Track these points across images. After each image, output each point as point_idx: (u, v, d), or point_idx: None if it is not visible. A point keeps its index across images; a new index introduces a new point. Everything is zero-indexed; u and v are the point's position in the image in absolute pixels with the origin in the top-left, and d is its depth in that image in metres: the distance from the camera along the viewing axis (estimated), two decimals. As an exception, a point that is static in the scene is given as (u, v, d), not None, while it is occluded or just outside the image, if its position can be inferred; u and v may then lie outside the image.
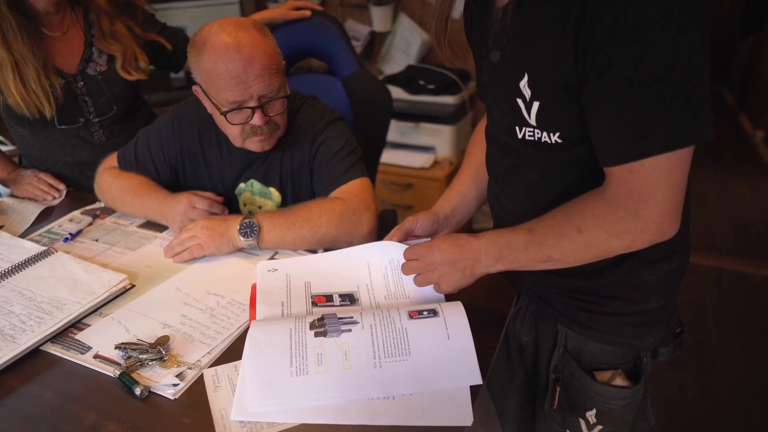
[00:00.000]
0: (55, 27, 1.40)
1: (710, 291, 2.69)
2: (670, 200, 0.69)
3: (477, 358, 0.80)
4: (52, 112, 1.37)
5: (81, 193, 1.48)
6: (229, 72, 1.09)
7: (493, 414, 0.80)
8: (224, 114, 1.13)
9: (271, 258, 1.13)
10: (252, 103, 1.13)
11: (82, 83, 1.42)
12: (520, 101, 0.79)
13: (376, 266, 1.03)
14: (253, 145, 1.20)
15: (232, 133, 1.19)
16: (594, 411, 0.93)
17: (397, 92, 2.59)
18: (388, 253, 1.04)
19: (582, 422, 0.95)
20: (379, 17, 2.94)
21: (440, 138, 2.61)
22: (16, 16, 1.28)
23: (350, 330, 0.83)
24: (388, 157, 2.65)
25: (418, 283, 0.92)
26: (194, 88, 1.22)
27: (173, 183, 1.32)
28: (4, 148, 1.63)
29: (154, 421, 0.77)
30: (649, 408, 0.96)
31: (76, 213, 1.35)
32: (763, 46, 4.51)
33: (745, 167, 4.10)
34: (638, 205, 0.69)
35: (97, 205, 1.38)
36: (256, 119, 1.14)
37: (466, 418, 0.75)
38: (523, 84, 0.77)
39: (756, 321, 2.47)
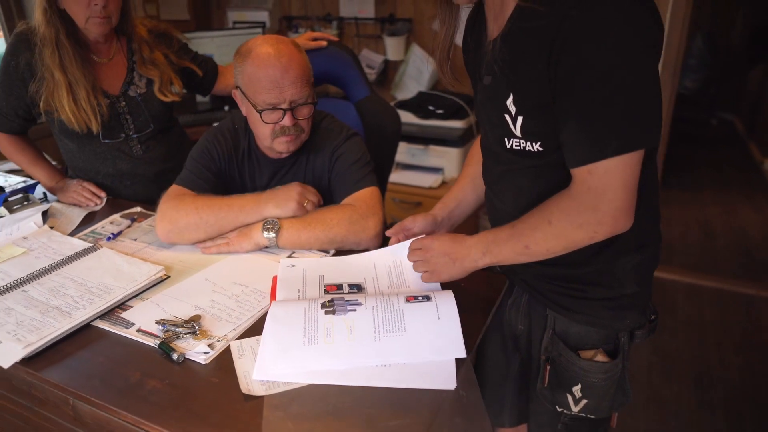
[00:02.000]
0: (102, 54, 1.58)
1: (711, 310, 2.77)
2: (622, 198, 0.83)
3: (463, 335, 0.93)
4: (98, 128, 1.54)
5: (119, 201, 1.65)
6: (268, 76, 1.27)
7: (474, 381, 0.92)
8: (260, 112, 1.29)
9: (289, 257, 1.28)
10: (284, 106, 1.30)
11: (124, 103, 1.60)
12: (507, 117, 0.94)
13: (381, 263, 1.18)
14: (281, 145, 1.36)
15: (264, 132, 1.34)
16: (579, 386, 1.05)
17: (408, 117, 2.76)
18: (393, 254, 1.19)
19: (569, 397, 1.08)
20: (393, 47, 3.14)
21: (448, 160, 2.76)
22: (72, 44, 1.47)
23: (355, 310, 0.97)
24: (399, 177, 2.81)
25: (416, 268, 1.07)
26: (233, 91, 1.39)
27: (218, 192, 1.46)
28: (50, 162, 1.81)
29: (189, 380, 0.91)
30: (628, 385, 1.08)
31: (116, 216, 1.52)
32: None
33: (753, 194, 4.18)
34: (596, 200, 0.83)
35: (134, 209, 1.55)
36: (287, 120, 1.31)
37: (450, 383, 0.87)
38: (509, 102, 0.92)
39: (754, 339, 2.55)
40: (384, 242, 1.30)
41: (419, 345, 0.92)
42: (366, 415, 0.81)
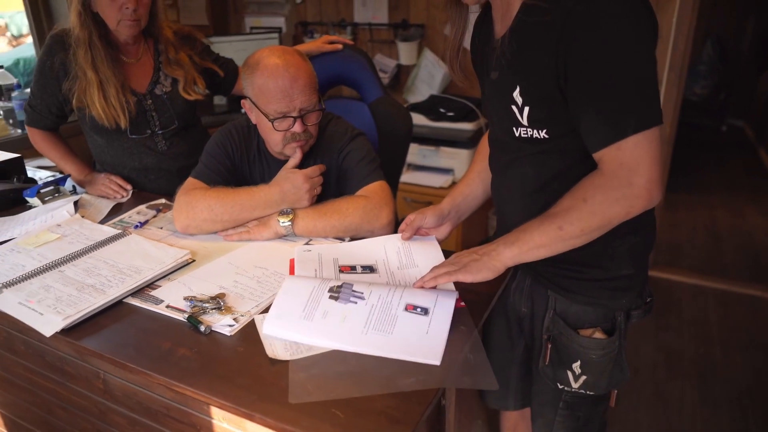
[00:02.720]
0: (131, 55, 1.68)
1: (716, 311, 2.82)
2: (654, 170, 0.88)
3: (470, 312, 1.00)
4: (126, 124, 1.63)
5: (144, 193, 1.74)
6: (278, 87, 1.34)
7: (480, 347, 0.97)
8: (272, 121, 1.37)
9: (306, 244, 1.36)
10: (294, 114, 1.37)
11: (150, 101, 1.69)
12: (514, 108, 1.01)
13: (390, 246, 1.25)
14: (291, 150, 1.43)
15: (275, 139, 1.42)
16: (579, 362, 1.12)
17: (419, 119, 2.84)
18: (398, 245, 1.27)
19: (569, 374, 1.14)
20: (405, 52, 3.22)
21: (458, 161, 2.83)
22: (104, 45, 1.57)
23: (356, 303, 1.03)
24: (410, 177, 2.88)
25: (444, 279, 1.07)
26: (243, 101, 1.46)
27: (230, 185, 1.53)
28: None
29: (216, 349, 0.99)
30: (625, 362, 1.14)
31: (142, 207, 1.61)
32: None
33: (761, 198, 4.21)
34: (630, 174, 0.89)
35: (159, 201, 1.64)
36: (297, 127, 1.39)
37: (437, 359, 0.92)
38: (516, 94, 1.00)
39: (759, 338, 2.59)
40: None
41: (397, 347, 0.94)
42: (384, 375, 0.88)
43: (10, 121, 2.59)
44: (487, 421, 2.11)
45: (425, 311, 1.01)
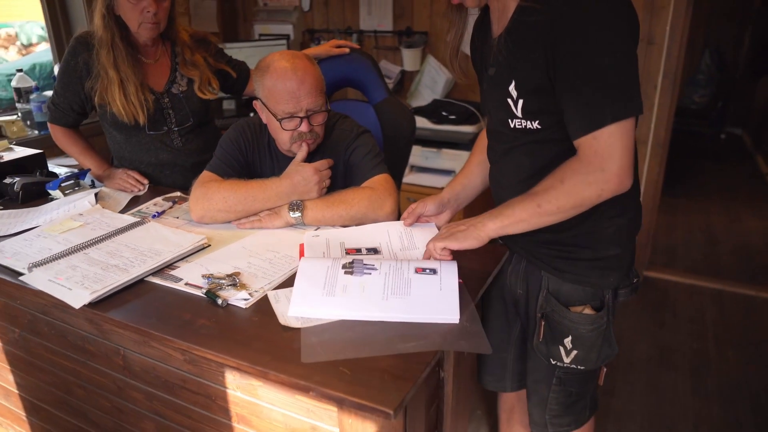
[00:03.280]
0: (150, 56, 1.78)
1: (711, 309, 2.89)
2: (625, 158, 0.98)
3: (468, 287, 1.08)
4: (145, 120, 1.73)
5: (159, 188, 1.83)
6: (286, 88, 1.43)
7: (476, 316, 1.05)
8: (280, 121, 1.46)
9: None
10: (301, 114, 1.46)
11: (167, 99, 1.79)
12: (509, 100, 1.10)
13: (393, 231, 1.35)
14: (298, 147, 1.52)
15: (283, 137, 1.52)
16: (570, 337, 1.20)
17: (422, 122, 2.93)
18: (402, 230, 1.35)
19: (561, 349, 1.22)
20: (409, 58, 3.32)
21: (460, 162, 2.92)
22: (125, 46, 1.67)
23: (370, 273, 1.11)
24: (414, 178, 2.97)
25: (435, 246, 1.18)
26: (254, 102, 1.56)
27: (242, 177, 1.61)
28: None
29: (232, 319, 1.07)
30: (613, 338, 1.23)
31: (159, 199, 1.70)
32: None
33: (758, 204, 4.29)
34: (602, 161, 0.99)
35: (175, 194, 1.73)
36: (304, 126, 1.48)
37: (455, 316, 1.02)
38: (511, 88, 1.09)
39: (751, 335, 2.66)
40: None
41: (419, 307, 1.04)
42: (387, 339, 0.97)
43: (28, 122, 2.69)
44: (486, 412, 2.18)
45: (434, 271, 1.11)
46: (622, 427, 2.11)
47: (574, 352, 1.22)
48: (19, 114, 2.69)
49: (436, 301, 1.04)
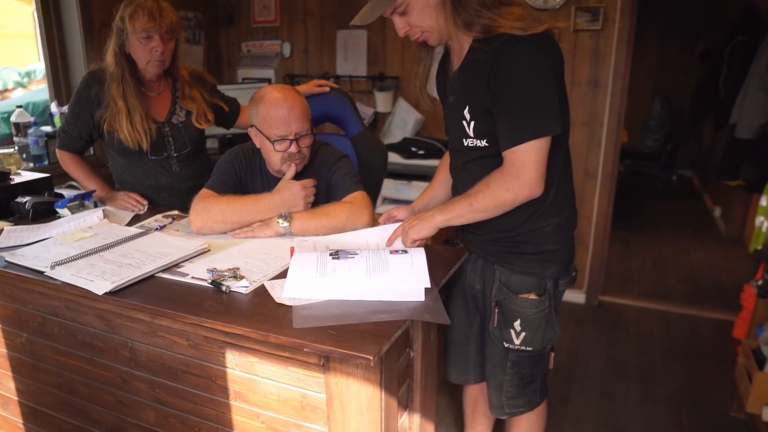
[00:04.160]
0: (153, 90, 2.01)
1: (659, 327, 3.15)
2: (536, 171, 1.24)
3: (431, 274, 1.30)
4: (148, 146, 1.94)
5: (158, 209, 2.03)
6: (278, 115, 1.67)
7: (438, 298, 1.26)
8: (273, 143, 1.69)
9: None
10: (291, 137, 1.70)
11: (168, 128, 2.01)
12: (464, 122, 1.36)
13: (371, 237, 1.57)
14: (287, 167, 1.75)
15: (275, 158, 1.74)
16: (519, 321, 1.43)
17: (394, 157, 3.20)
18: (381, 230, 1.58)
19: (512, 332, 1.45)
20: (382, 100, 3.62)
21: (429, 194, 3.18)
22: (133, 81, 1.90)
23: (353, 257, 1.33)
24: (385, 209, 3.21)
25: (395, 238, 1.44)
26: (249, 129, 1.79)
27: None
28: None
29: (235, 301, 1.27)
30: (555, 322, 1.46)
31: (159, 216, 1.89)
32: (716, 136, 5.19)
33: (704, 237, 4.65)
34: (518, 171, 1.24)
35: (173, 212, 1.93)
36: (293, 148, 1.71)
37: (420, 295, 1.24)
38: (465, 112, 1.35)
39: (696, 349, 2.92)
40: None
41: (398, 280, 1.26)
42: (365, 312, 1.18)
43: (24, 155, 2.86)
44: (454, 418, 2.36)
45: (405, 251, 1.34)
46: (578, 430, 2.31)
47: (523, 333, 1.44)
48: (16, 147, 2.87)
49: (410, 273, 1.27)
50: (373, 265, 1.31)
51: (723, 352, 2.85)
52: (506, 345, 1.48)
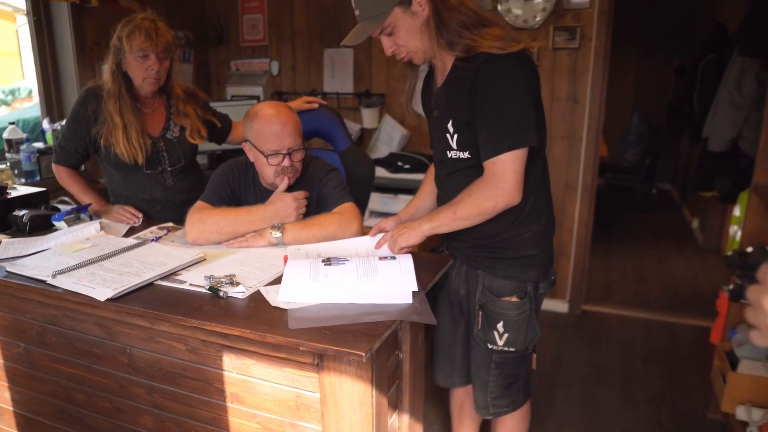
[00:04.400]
0: (148, 106, 2.08)
1: (640, 334, 3.25)
2: (514, 180, 1.33)
3: (418, 278, 1.38)
4: (143, 161, 2.01)
5: (153, 221, 2.08)
6: (272, 130, 1.75)
7: (425, 300, 1.33)
8: (267, 157, 1.77)
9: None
10: (284, 151, 1.77)
11: (162, 143, 2.08)
12: (448, 135, 1.45)
13: (361, 246, 1.64)
14: (280, 180, 1.82)
15: (268, 172, 1.81)
16: (501, 322, 1.51)
17: (380, 172, 3.28)
18: (370, 240, 1.65)
19: (495, 333, 1.52)
20: (368, 117, 3.71)
21: (415, 206, 3.26)
22: (129, 97, 1.97)
23: (345, 264, 1.41)
24: (372, 222, 3.29)
25: (383, 243, 1.52)
26: (244, 144, 1.86)
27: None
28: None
29: (233, 306, 1.33)
30: (536, 323, 1.54)
31: (154, 228, 1.95)
32: (692, 150, 5.36)
33: (683, 247, 4.78)
34: (498, 181, 1.33)
35: (168, 224, 1.98)
36: (286, 162, 1.79)
37: (408, 298, 1.31)
38: (449, 125, 1.44)
39: (674, 354, 3.01)
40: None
41: (387, 284, 1.33)
42: (357, 314, 1.25)
43: (16, 171, 2.91)
44: (441, 425, 2.42)
45: (393, 258, 1.41)
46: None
47: (506, 335, 1.52)
48: (8, 163, 2.91)
49: (398, 278, 1.34)
50: (364, 270, 1.38)
51: (701, 356, 2.95)
52: (490, 346, 1.55)
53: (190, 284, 1.46)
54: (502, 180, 1.33)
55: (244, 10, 3.94)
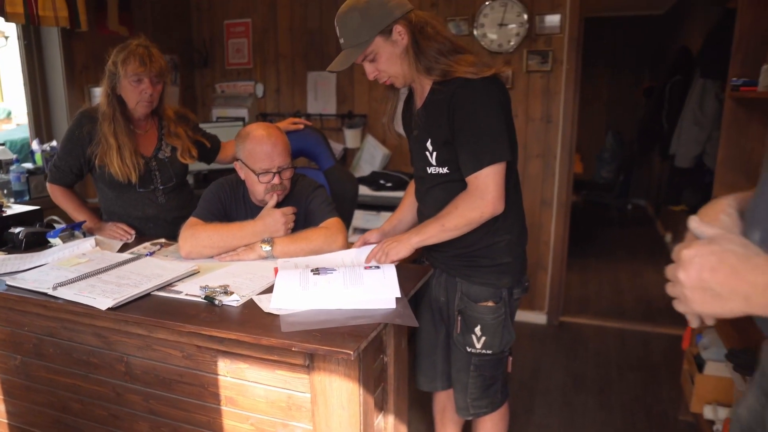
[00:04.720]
0: (141, 128, 2.17)
1: (615, 343, 3.37)
2: (497, 191, 1.45)
3: (400, 286, 1.48)
4: (136, 180, 2.09)
5: (145, 238, 2.16)
6: (263, 150, 1.85)
7: (407, 305, 1.44)
8: (257, 175, 1.87)
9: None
10: (274, 170, 1.88)
11: (155, 163, 2.17)
12: (427, 153, 1.57)
13: (347, 258, 1.74)
14: (270, 197, 1.92)
15: (259, 189, 1.91)
16: (479, 326, 1.61)
17: (363, 190, 3.40)
18: (353, 254, 1.75)
19: (473, 337, 1.63)
20: (351, 137, 3.83)
21: (397, 223, 3.37)
22: (123, 119, 2.06)
23: (332, 273, 1.51)
24: (355, 239, 3.39)
25: (373, 256, 1.62)
26: (235, 163, 1.96)
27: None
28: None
29: (228, 314, 1.42)
30: (511, 327, 1.65)
31: (147, 244, 2.03)
32: (663, 166, 5.56)
33: (657, 260, 4.94)
34: (482, 193, 1.45)
35: (160, 240, 2.07)
36: (276, 180, 1.89)
37: (391, 303, 1.41)
38: (428, 143, 1.55)
39: (648, 361, 3.14)
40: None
41: (372, 291, 1.43)
42: (344, 318, 1.34)
43: (5, 191, 2.96)
44: (426, 430, 2.51)
45: (377, 267, 1.52)
46: (541, 437, 2.48)
47: (483, 338, 1.62)
48: (-2, 184, 2.97)
49: (382, 285, 1.44)
50: (350, 279, 1.48)
51: (673, 363, 3.08)
52: (469, 349, 1.65)
53: (186, 294, 1.54)
54: (486, 192, 1.44)
55: (230, 35, 4.06)
